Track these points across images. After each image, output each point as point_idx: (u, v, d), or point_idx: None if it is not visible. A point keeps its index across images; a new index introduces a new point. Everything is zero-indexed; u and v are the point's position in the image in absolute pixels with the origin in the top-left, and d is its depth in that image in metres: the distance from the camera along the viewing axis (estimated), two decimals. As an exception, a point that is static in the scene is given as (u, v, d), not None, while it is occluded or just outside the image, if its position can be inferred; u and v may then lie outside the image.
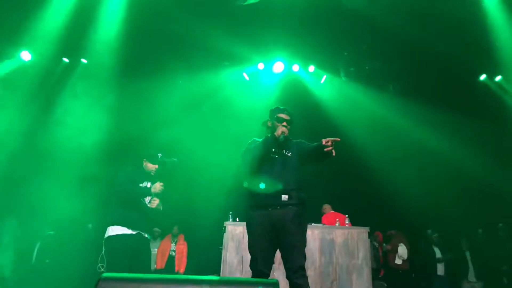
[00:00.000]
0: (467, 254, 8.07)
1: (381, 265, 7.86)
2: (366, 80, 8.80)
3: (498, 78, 9.22)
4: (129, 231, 4.40)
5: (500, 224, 8.36)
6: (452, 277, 7.99)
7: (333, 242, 6.57)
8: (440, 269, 7.94)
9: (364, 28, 7.79)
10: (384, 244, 8.03)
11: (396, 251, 7.76)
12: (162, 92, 7.72)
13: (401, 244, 7.76)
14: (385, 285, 7.14)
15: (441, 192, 8.44)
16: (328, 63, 8.81)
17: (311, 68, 8.82)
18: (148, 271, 4.51)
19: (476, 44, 8.15)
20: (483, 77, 9.29)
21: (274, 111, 3.85)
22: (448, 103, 8.61)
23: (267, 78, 8.78)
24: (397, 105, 8.62)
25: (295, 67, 8.80)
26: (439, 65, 8.58)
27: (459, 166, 8.49)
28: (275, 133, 3.62)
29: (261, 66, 8.63)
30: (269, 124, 3.88)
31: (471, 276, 7.92)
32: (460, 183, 8.57)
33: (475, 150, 8.41)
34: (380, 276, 7.60)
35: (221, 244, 6.29)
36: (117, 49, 7.11)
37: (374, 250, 7.93)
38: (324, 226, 6.59)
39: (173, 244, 8.12)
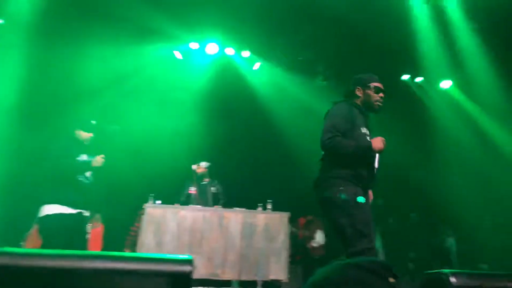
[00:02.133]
0: (378, 239, 8.56)
1: (299, 250, 8.13)
2: (299, 70, 8.96)
3: (419, 79, 9.83)
4: (68, 210, 4.20)
5: (413, 214, 9.00)
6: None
7: (255, 226, 6.68)
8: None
9: (301, 19, 7.91)
10: (303, 230, 8.30)
11: (313, 237, 8.06)
12: (88, 62, 7.29)
13: (319, 230, 8.06)
14: (301, 269, 7.41)
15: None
16: (263, 50, 8.84)
17: (246, 53, 8.79)
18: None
19: (402, 45, 8.61)
20: (406, 77, 9.85)
21: (367, 79, 3.36)
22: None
23: (200, 58, 8.62)
24: (327, 96, 8.87)
25: (230, 51, 8.71)
26: (369, 60, 8.96)
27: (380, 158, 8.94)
28: (375, 103, 3.29)
29: (194, 45, 8.43)
30: (360, 93, 3.36)
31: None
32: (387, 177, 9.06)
33: (392, 142, 8.89)
34: (297, 260, 7.85)
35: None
36: (37, 11, 6.58)
37: (293, 235, 8.17)
38: (247, 210, 6.67)
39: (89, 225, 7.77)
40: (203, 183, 7.17)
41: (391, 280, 1.09)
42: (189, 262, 1.73)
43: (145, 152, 7.65)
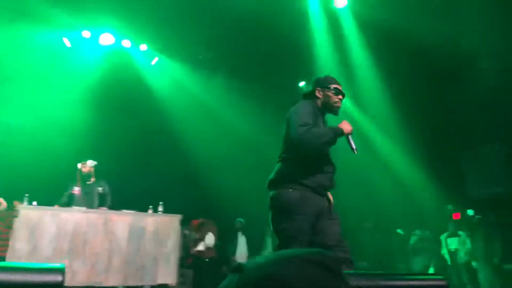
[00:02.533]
0: (268, 240, 8.77)
1: (190, 253, 8.00)
2: (199, 69, 8.81)
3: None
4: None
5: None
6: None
7: (144, 229, 6.40)
8: (242, 257, 8.45)
9: (204, 17, 7.78)
10: (193, 232, 8.19)
11: (203, 239, 7.99)
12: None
13: (210, 232, 8.01)
14: (192, 272, 7.29)
15: (255, 182, 8.97)
16: (162, 45, 8.52)
17: (143, 47, 8.39)
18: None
19: (300, 52, 8.92)
20: (302, 83, 10.24)
21: (327, 80, 3.30)
22: (272, 103, 9.26)
23: (92, 48, 8.02)
24: (226, 97, 8.88)
25: (126, 43, 8.24)
26: (267, 64, 9.13)
27: (272, 162, 9.16)
28: (334, 105, 3.21)
29: (86, 34, 7.82)
30: (319, 94, 3.27)
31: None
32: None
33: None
34: (188, 263, 7.72)
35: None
36: None
37: (185, 238, 8.02)
38: (135, 212, 6.36)
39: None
40: (89, 183, 6.69)
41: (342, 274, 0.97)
42: (60, 271, 1.51)
43: (20, 146, 6.89)
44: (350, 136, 3.07)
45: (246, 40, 8.52)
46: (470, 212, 8.89)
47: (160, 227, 6.48)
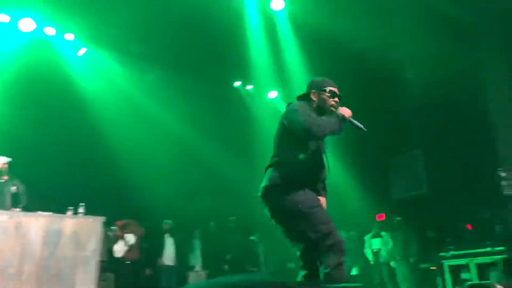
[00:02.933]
0: (197, 243, 8.62)
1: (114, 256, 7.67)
2: (130, 64, 8.45)
3: (249, 87, 10.27)
4: None
5: (232, 218, 9.28)
6: (181, 267, 8.42)
7: (61, 232, 6.01)
8: (169, 259, 8.24)
9: (138, 10, 7.45)
10: (117, 233, 7.85)
11: (129, 241, 7.71)
12: None
13: (132, 234, 7.73)
14: (113, 276, 6.97)
15: (186, 183, 8.83)
16: (91, 35, 8.03)
17: (70, 36, 7.85)
18: None
19: (236, 52, 8.85)
20: (238, 83, 10.18)
21: (323, 82, 3.19)
22: (204, 101, 9.11)
23: (10, 34, 7.36)
24: (157, 94, 8.61)
25: (50, 30, 7.65)
26: (203, 62, 8.96)
27: (202, 161, 9.06)
28: (330, 108, 3.08)
29: (3, 18, 7.15)
30: (314, 96, 3.15)
31: (198, 266, 8.51)
32: (200, 178, 9.17)
33: (219, 146, 9.12)
34: (110, 266, 7.37)
35: None
36: None
37: (109, 241, 7.66)
38: (52, 214, 5.95)
39: None
40: (1, 181, 6.21)
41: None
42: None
43: None
44: (351, 119, 3.00)
45: (181, 36, 8.30)
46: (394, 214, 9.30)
47: (79, 230, 6.12)
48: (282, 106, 10.42)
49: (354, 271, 9.03)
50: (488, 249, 7.92)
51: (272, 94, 10.45)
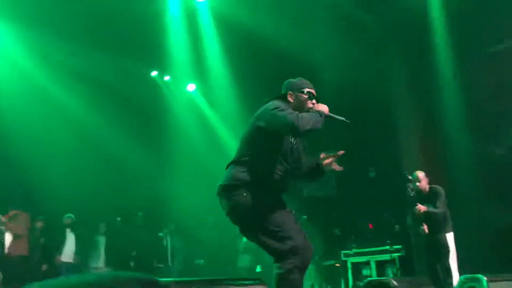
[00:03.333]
0: (101, 239, 8.17)
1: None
2: (36, 45, 7.75)
3: (167, 78, 9.93)
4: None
5: (140, 213, 8.92)
6: (82, 264, 7.93)
7: None
8: (69, 255, 7.73)
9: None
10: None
11: (20, 235, 7.09)
12: None
13: (21, 226, 7.14)
14: (0, 274, 6.33)
15: (88, 177, 8.32)
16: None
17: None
18: None
19: (156, 42, 8.52)
20: (154, 73, 9.80)
21: (301, 84, 3.07)
22: (115, 89, 8.65)
23: None
24: (64, 80, 8.00)
25: None
26: (120, 50, 8.49)
27: (109, 154, 8.61)
28: (307, 110, 2.92)
29: None
30: (291, 98, 3.02)
31: (100, 262, 8.06)
32: (107, 171, 8.71)
33: (129, 139, 8.74)
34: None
35: None
36: None
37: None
38: None
39: None
40: None
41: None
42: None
43: None
44: (330, 113, 2.93)
45: (97, 18, 7.77)
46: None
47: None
48: (200, 99, 10.25)
49: (258, 269, 9.11)
50: (387, 247, 8.48)
51: (191, 87, 10.22)
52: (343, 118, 2.96)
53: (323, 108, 2.90)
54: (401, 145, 8.57)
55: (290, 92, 3.04)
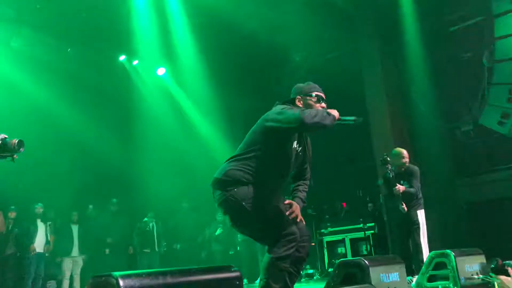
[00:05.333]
0: (74, 228, 8.03)
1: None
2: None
3: (135, 62, 9.69)
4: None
5: (114, 200, 8.79)
6: (55, 253, 7.80)
7: None
8: (41, 246, 7.58)
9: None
10: None
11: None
12: None
13: None
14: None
15: (56, 165, 8.12)
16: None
17: None
18: None
19: (120, 24, 8.24)
20: (122, 57, 9.53)
21: (309, 88, 3.06)
22: (83, 75, 8.40)
23: None
24: (28, 65, 7.70)
25: None
26: (85, 34, 8.20)
27: (79, 141, 8.41)
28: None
29: None
30: (300, 102, 3.01)
31: (75, 251, 7.94)
32: (78, 159, 8.52)
33: (99, 126, 8.56)
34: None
35: None
36: None
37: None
38: None
39: None
40: None
41: None
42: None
43: None
44: (341, 117, 2.85)
45: (61, 6, 7.47)
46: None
47: None
48: (171, 83, 10.06)
49: (231, 251, 9.17)
50: (361, 225, 8.67)
51: (160, 70, 10.01)
52: (352, 118, 2.93)
53: (333, 112, 2.83)
54: (372, 126, 8.68)
55: (299, 96, 3.06)
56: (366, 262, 3.35)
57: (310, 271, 8.69)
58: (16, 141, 2.21)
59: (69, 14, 7.72)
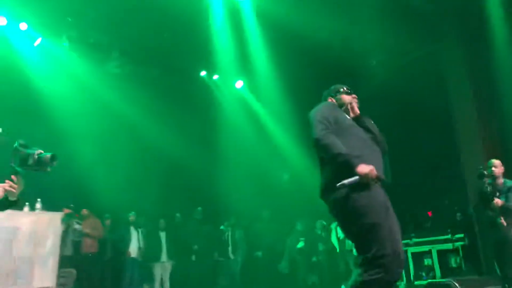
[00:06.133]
0: (162, 235, 8.57)
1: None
2: (89, 53, 8.20)
3: (215, 77, 10.16)
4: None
5: (199, 208, 9.25)
6: (146, 258, 8.37)
7: (16, 229, 5.84)
8: (134, 251, 8.20)
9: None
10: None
11: (89, 234, 7.62)
12: None
13: (87, 225, 7.66)
14: (75, 272, 6.84)
15: (144, 176, 8.73)
16: (46, 25, 7.72)
17: (23, 26, 7.53)
18: None
19: (202, 43, 8.72)
20: (203, 73, 10.04)
21: (335, 86, 3.20)
22: (167, 91, 8.98)
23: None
24: (118, 85, 8.41)
25: (1, 20, 7.33)
26: (168, 52, 8.79)
27: (165, 153, 8.96)
28: (351, 104, 3.06)
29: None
30: (333, 100, 3.14)
31: (164, 257, 8.47)
32: (164, 170, 9.08)
33: (182, 138, 9.05)
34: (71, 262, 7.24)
35: None
36: None
37: (74, 233, 7.54)
38: (7, 212, 5.74)
39: None
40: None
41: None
42: None
43: None
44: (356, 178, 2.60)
45: (144, 25, 8.08)
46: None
47: (36, 227, 5.96)
48: (248, 95, 10.37)
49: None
50: (448, 236, 8.18)
51: (239, 84, 10.38)
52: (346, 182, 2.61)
53: (362, 169, 2.57)
54: (459, 131, 8.18)
55: (330, 97, 3.13)
56: (456, 284, 3.05)
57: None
58: (49, 156, 2.49)
59: (152, 35, 8.33)
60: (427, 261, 8.64)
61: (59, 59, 7.99)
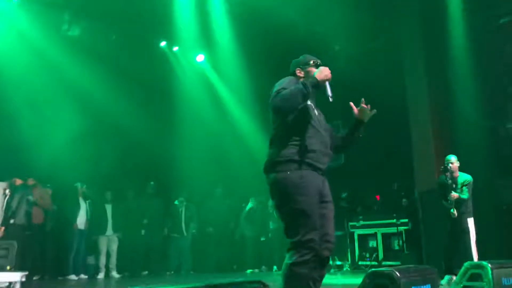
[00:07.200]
0: (108, 207, 8.39)
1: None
2: (42, 13, 7.70)
3: (175, 48, 9.85)
4: None
5: (151, 182, 9.07)
6: (92, 231, 8.19)
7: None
8: (82, 223, 8.00)
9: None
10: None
11: (37, 204, 7.35)
12: None
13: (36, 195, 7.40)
14: (15, 243, 6.52)
15: (98, 149, 8.46)
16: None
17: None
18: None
19: (163, 11, 8.39)
20: (163, 43, 9.71)
21: (305, 57, 3.06)
22: (124, 59, 8.64)
23: None
24: (71, 49, 7.99)
25: None
26: (125, 20, 8.40)
27: (120, 125, 8.69)
28: (321, 77, 2.74)
29: None
30: (300, 73, 3.01)
31: (109, 230, 8.31)
32: (119, 142, 8.82)
33: (139, 110, 8.80)
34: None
35: None
36: None
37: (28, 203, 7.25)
38: None
39: None
40: None
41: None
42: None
43: None
44: (327, 83, 2.78)
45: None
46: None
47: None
48: (209, 70, 10.17)
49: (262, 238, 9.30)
50: (394, 220, 8.52)
51: (200, 57, 10.14)
52: (330, 95, 2.81)
53: (319, 75, 2.73)
54: (412, 120, 8.41)
55: (299, 68, 3.03)
56: (398, 274, 3.19)
57: (339, 262, 8.68)
58: None
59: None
60: (372, 243, 9.00)
61: (7, 16, 7.42)
